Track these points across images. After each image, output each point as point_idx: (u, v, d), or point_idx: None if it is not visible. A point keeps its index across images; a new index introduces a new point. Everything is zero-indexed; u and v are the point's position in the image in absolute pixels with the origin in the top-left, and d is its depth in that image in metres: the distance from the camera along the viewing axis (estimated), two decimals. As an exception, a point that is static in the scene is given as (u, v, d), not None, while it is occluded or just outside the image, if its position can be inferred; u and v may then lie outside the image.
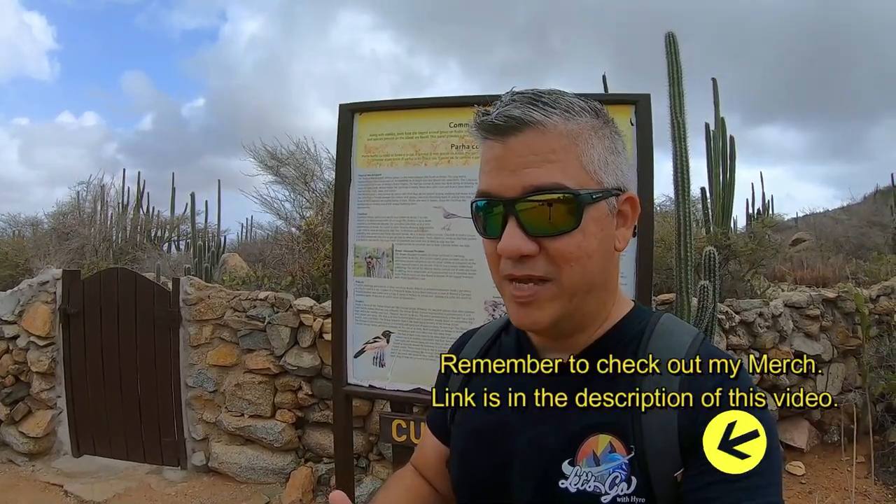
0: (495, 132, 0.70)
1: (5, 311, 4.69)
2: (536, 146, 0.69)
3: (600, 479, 0.69)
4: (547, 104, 0.69)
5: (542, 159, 0.69)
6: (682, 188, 3.05)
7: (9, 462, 4.53)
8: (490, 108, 0.71)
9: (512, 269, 0.70)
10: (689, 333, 0.75)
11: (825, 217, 12.19)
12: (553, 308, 0.70)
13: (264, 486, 4.16)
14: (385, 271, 2.41)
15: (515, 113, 0.69)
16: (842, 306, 4.73)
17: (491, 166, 0.71)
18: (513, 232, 0.69)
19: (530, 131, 0.69)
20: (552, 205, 0.68)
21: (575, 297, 0.71)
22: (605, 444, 0.70)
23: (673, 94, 3.09)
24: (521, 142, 0.69)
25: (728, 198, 5.78)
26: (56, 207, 9.83)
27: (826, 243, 8.79)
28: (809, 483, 4.01)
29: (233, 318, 4.32)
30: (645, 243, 2.19)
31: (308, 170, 6.83)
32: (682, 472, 0.66)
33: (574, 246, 0.69)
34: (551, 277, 0.69)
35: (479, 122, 0.71)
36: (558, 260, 0.69)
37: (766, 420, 0.66)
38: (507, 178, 0.69)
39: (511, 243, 0.69)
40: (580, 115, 0.71)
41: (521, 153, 0.69)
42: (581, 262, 0.70)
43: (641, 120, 2.21)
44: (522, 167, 0.69)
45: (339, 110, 2.51)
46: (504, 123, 0.69)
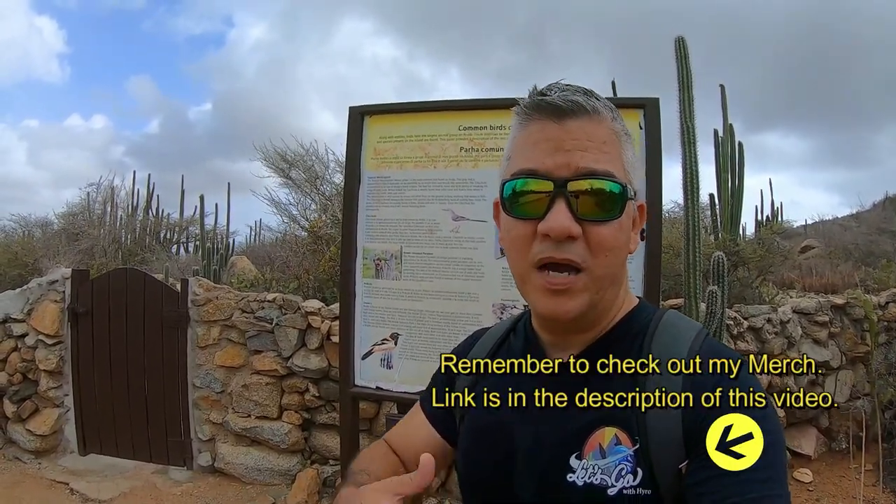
0: (554, 113, 0.71)
1: (14, 309, 4.73)
2: (593, 133, 0.71)
3: (607, 472, 0.69)
4: (599, 99, 0.72)
5: (597, 147, 0.71)
6: (692, 193, 3.04)
7: (15, 459, 4.56)
8: (544, 90, 0.72)
9: (552, 252, 0.70)
10: (693, 329, 0.76)
11: (834, 224, 12.11)
12: (583, 298, 0.71)
13: (270, 488, 4.16)
14: (393, 273, 2.42)
15: (577, 98, 0.71)
16: (850, 313, 4.71)
17: (543, 146, 0.71)
18: (562, 212, 0.69)
19: (587, 118, 0.71)
20: (602, 191, 0.70)
21: (601, 290, 0.73)
22: (611, 436, 0.70)
23: (683, 99, 3.09)
24: (578, 126, 0.71)
25: (737, 204, 5.76)
26: (66, 208, 9.88)
27: (835, 251, 8.72)
28: (817, 490, 3.98)
29: (241, 319, 4.33)
30: (653, 248, 2.19)
31: (317, 173, 6.85)
32: (686, 463, 0.67)
33: (612, 235, 0.71)
34: (586, 266, 0.70)
35: (537, 101, 0.72)
36: (596, 247, 0.70)
37: (766, 419, 0.66)
38: (560, 158, 0.70)
39: (561, 222, 0.68)
40: (620, 119, 0.74)
41: (578, 136, 0.70)
42: (614, 253, 0.72)
43: (650, 124, 2.21)
44: (578, 149, 0.70)
45: (349, 112, 2.52)
46: (565, 105, 0.70)
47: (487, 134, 2.35)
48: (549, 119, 0.71)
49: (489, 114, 2.36)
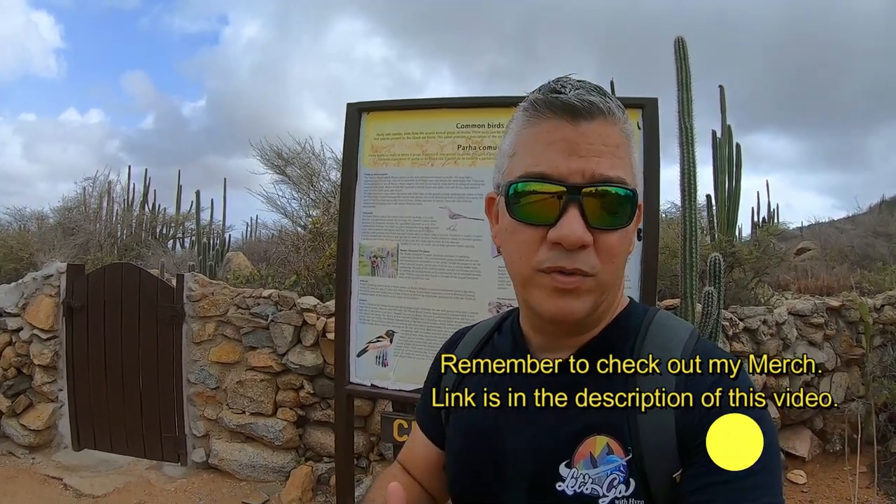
0: (569, 113, 0.67)
1: (9, 303, 4.71)
2: (607, 137, 0.68)
3: (598, 482, 0.67)
4: (612, 99, 0.69)
5: (611, 153, 0.68)
6: (689, 193, 3.05)
7: (9, 454, 4.54)
8: (558, 87, 0.69)
9: (562, 262, 0.66)
10: (686, 330, 0.74)
11: (830, 227, 12.14)
12: (589, 300, 0.69)
13: (264, 484, 4.15)
14: (390, 271, 2.41)
15: (593, 98, 0.67)
16: (846, 315, 4.71)
17: (556, 149, 0.67)
18: (576, 220, 0.65)
19: (602, 120, 0.68)
20: (615, 199, 0.67)
21: (605, 293, 0.71)
22: (602, 445, 0.68)
23: (682, 100, 3.09)
24: (593, 129, 0.67)
25: (733, 206, 5.76)
26: (62, 202, 9.83)
27: (831, 253, 8.75)
28: (811, 492, 3.99)
29: (236, 315, 4.32)
30: (650, 248, 2.19)
31: (313, 170, 6.84)
32: (681, 472, 0.65)
33: (620, 243, 0.69)
34: (594, 273, 0.67)
35: (551, 98, 0.68)
36: (604, 255, 0.68)
37: (764, 421, 0.65)
38: (574, 164, 0.66)
39: (575, 232, 0.65)
40: (628, 119, 0.71)
41: (593, 140, 0.67)
42: (620, 259, 0.70)
43: (649, 124, 2.21)
44: (593, 155, 0.67)
45: (346, 109, 2.51)
46: (581, 106, 0.67)
47: (485, 132, 2.35)
48: (563, 119, 0.67)
49: (487, 112, 2.35)
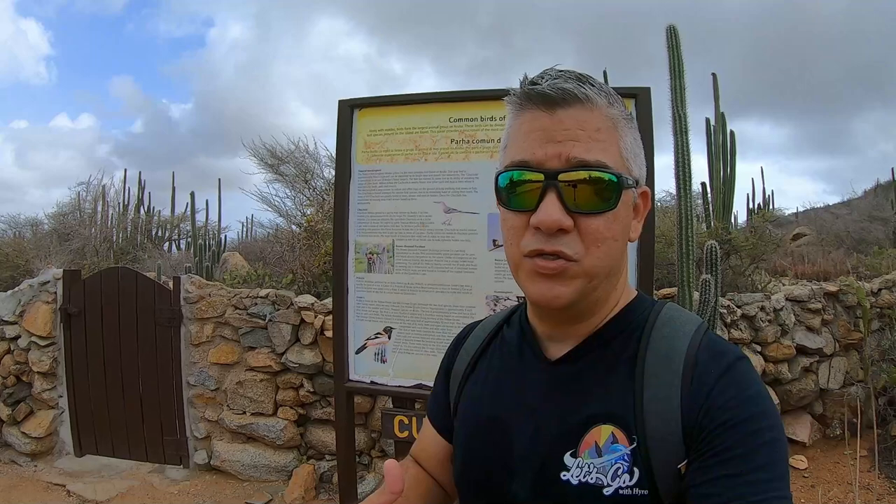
0: (545, 102, 0.69)
1: (6, 311, 4.69)
2: (584, 122, 0.69)
3: (602, 471, 0.67)
4: (593, 85, 0.70)
5: (589, 136, 0.68)
6: (684, 182, 3.04)
7: (11, 462, 4.53)
8: (536, 79, 0.70)
9: (542, 244, 0.68)
10: (693, 323, 0.74)
11: (825, 212, 12.17)
12: (576, 285, 0.69)
13: (267, 484, 4.16)
14: (386, 267, 2.41)
15: (567, 86, 0.68)
16: (843, 300, 4.73)
17: (534, 137, 0.69)
18: (552, 204, 0.67)
19: (580, 107, 0.69)
20: (595, 182, 0.68)
21: (594, 280, 0.70)
22: (607, 434, 0.69)
23: (674, 88, 3.08)
24: (569, 115, 0.68)
25: (728, 193, 5.79)
26: (56, 208, 9.80)
27: (827, 238, 8.77)
28: (812, 477, 4.00)
29: (234, 315, 4.31)
30: (646, 237, 2.18)
31: (307, 168, 6.82)
32: (686, 463, 0.65)
33: (606, 227, 0.69)
34: (578, 258, 0.68)
35: (527, 90, 0.70)
36: (588, 239, 0.68)
37: (769, 413, 0.65)
38: (551, 150, 0.68)
39: (551, 215, 0.66)
40: (619, 103, 0.72)
41: (569, 126, 0.68)
42: (608, 245, 0.69)
43: (641, 113, 2.21)
44: (569, 139, 0.68)
45: (338, 106, 2.50)
46: (555, 94, 0.68)
47: (478, 125, 2.34)
48: (539, 109, 0.69)
49: (480, 105, 2.34)
